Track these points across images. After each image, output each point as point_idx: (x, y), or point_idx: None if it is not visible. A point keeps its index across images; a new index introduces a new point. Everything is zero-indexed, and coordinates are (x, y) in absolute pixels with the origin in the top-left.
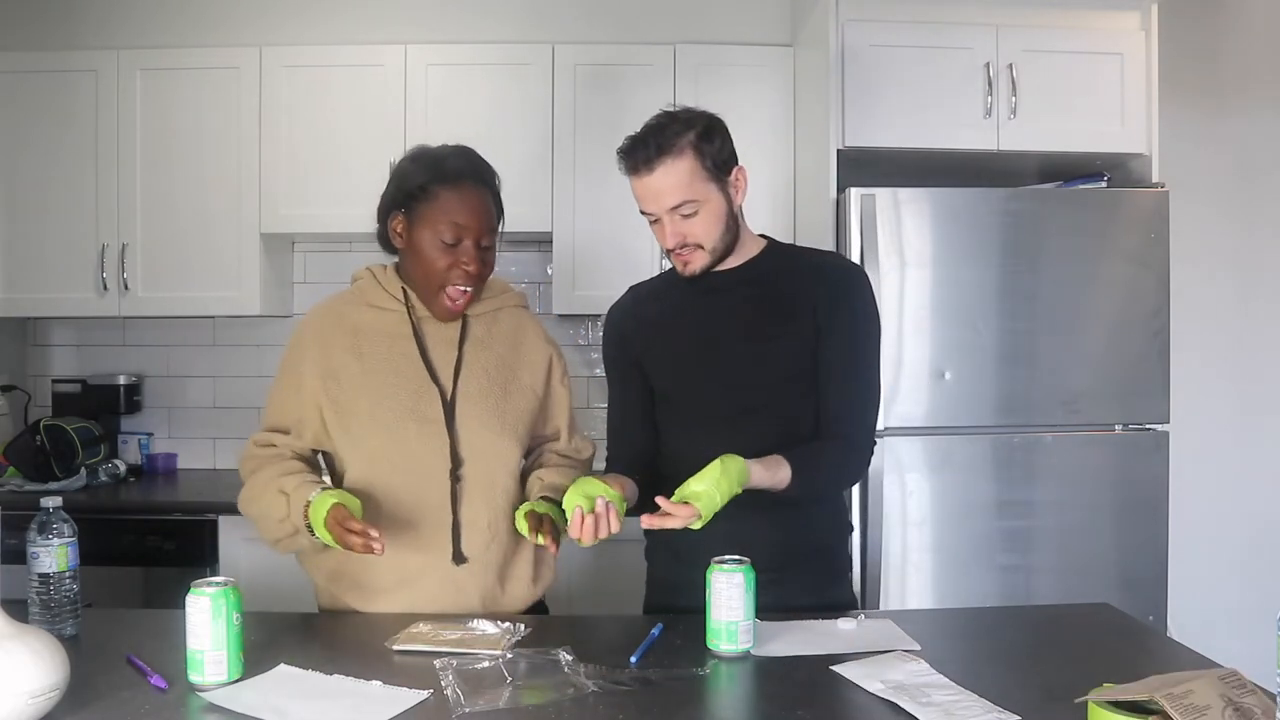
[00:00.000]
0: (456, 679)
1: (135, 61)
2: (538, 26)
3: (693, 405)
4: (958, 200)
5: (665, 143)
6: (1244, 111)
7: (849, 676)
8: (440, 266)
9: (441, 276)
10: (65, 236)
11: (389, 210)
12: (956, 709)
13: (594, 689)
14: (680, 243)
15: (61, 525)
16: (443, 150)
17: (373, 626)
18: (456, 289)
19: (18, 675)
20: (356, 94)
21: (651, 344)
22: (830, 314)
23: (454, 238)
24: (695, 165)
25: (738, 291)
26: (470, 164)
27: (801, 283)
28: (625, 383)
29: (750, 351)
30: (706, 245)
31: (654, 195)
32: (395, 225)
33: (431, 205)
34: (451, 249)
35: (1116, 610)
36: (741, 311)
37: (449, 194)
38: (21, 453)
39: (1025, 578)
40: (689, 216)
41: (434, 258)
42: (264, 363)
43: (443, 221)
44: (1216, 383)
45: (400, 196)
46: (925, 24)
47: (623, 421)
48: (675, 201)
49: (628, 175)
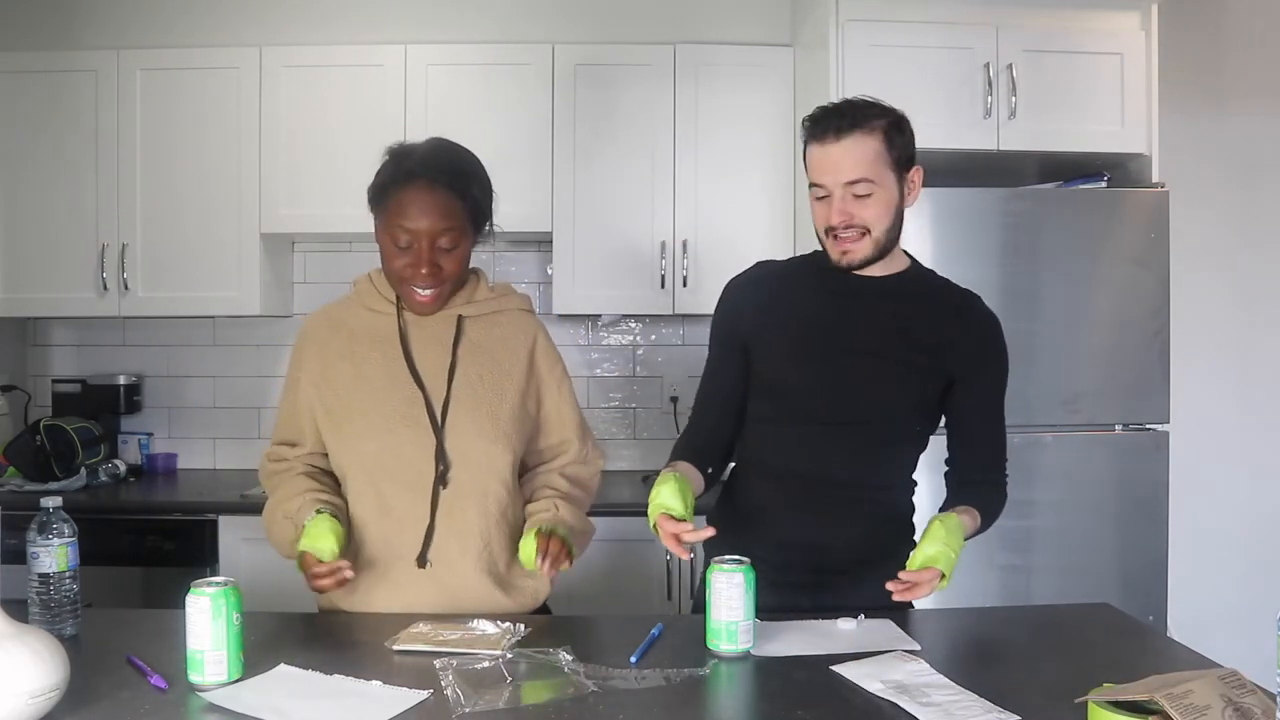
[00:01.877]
0: (456, 679)
1: (135, 61)
2: (537, 26)
3: (794, 403)
4: (958, 200)
5: (860, 117)
6: (1244, 111)
7: (849, 676)
8: (397, 267)
9: (400, 276)
10: (65, 236)
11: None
12: (956, 709)
13: (594, 689)
14: (846, 222)
15: (61, 525)
16: (410, 148)
17: (373, 626)
18: (416, 290)
19: (18, 675)
20: (356, 94)
21: (768, 329)
22: (977, 363)
23: (405, 241)
24: (882, 147)
25: (872, 303)
26: (429, 162)
27: (942, 317)
28: (725, 361)
29: (871, 367)
30: (874, 231)
31: (834, 165)
32: (375, 224)
33: (387, 208)
34: (406, 251)
35: (1116, 610)
36: (872, 324)
37: (400, 196)
38: (21, 453)
39: (1025, 578)
40: (861, 197)
41: (392, 259)
42: (264, 363)
43: (394, 225)
44: (1216, 383)
45: (372, 198)
46: (925, 24)
47: (709, 400)
48: (854, 176)
49: (809, 142)
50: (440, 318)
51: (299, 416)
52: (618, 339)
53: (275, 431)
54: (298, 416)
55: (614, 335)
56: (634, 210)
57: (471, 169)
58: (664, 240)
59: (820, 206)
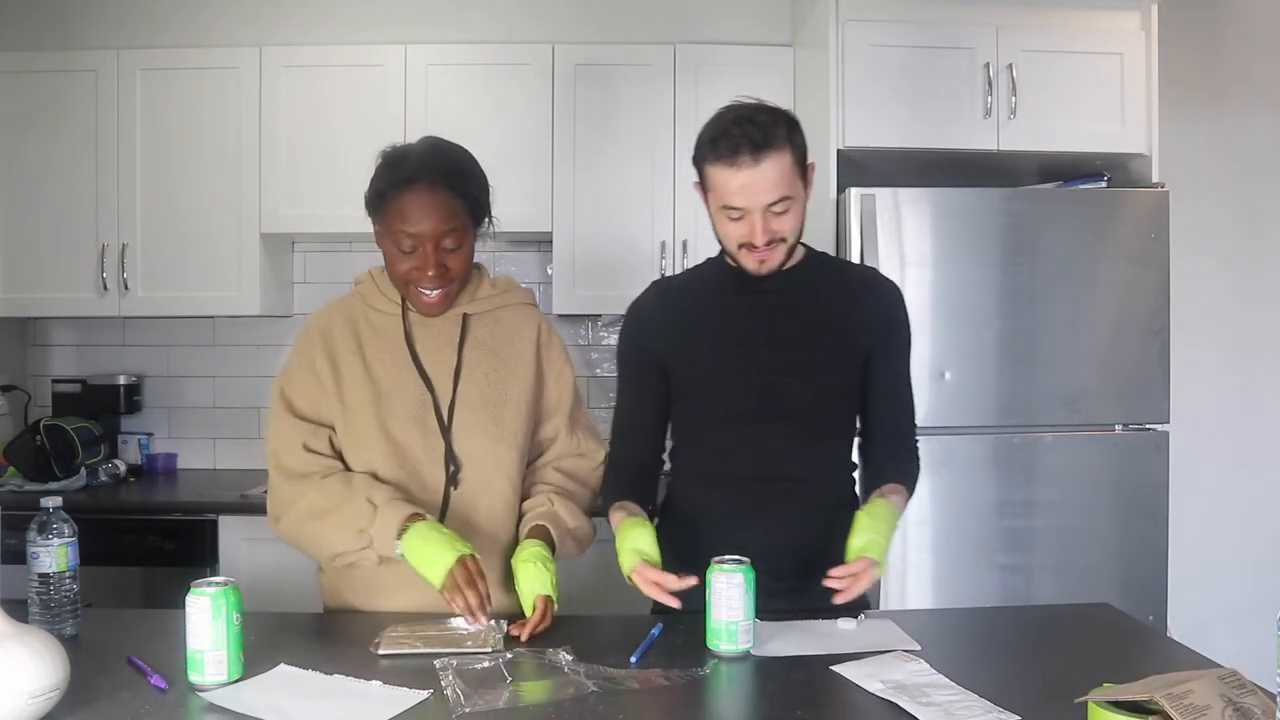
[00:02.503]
0: (456, 679)
1: (135, 61)
2: (537, 26)
3: (723, 409)
4: (958, 200)
5: (770, 133)
6: (1244, 111)
7: (849, 677)
8: (402, 271)
9: (406, 280)
10: (65, 236)
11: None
12: (956, 709)
13: (594, 689)
14: (770, 239)
15: (61, 525)
16: (406, 150)
17: (373, 626)
18: (423, 292)
19: (18, 675)
20: (356, 94)
21: (681, 344)
22: (886, 336)
23: (410, 245)
24: (791, 159)
25: (780, 297)
26: (427, 164)
27: (848, 295)
28: (641, 384)
29: (790, 359)
30: (789, 240)
31: (754, 189)
32: (375, 229)
33: (387, 214)
34: (410, 255)
35: (1116, 610)
36: (784, 317)
37: (401, 201)
38: (21, 453)
39: (1025, 578)
40: (781, 214)
41: (396, 263)
42: (264, 363)
43: (396, 230)
44: (1216, 383)
45: (370, 203)
46: (925, 24)
47: (631, 425)
48: (775, 197)
49: (715, 163)
50: (446, 317)
51: (320, 401)
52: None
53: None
54: (321, 400)
55: (614, 335)
56: (634, 210)
57: (468, 167)
58: (664, 240)
59: (735, 225)
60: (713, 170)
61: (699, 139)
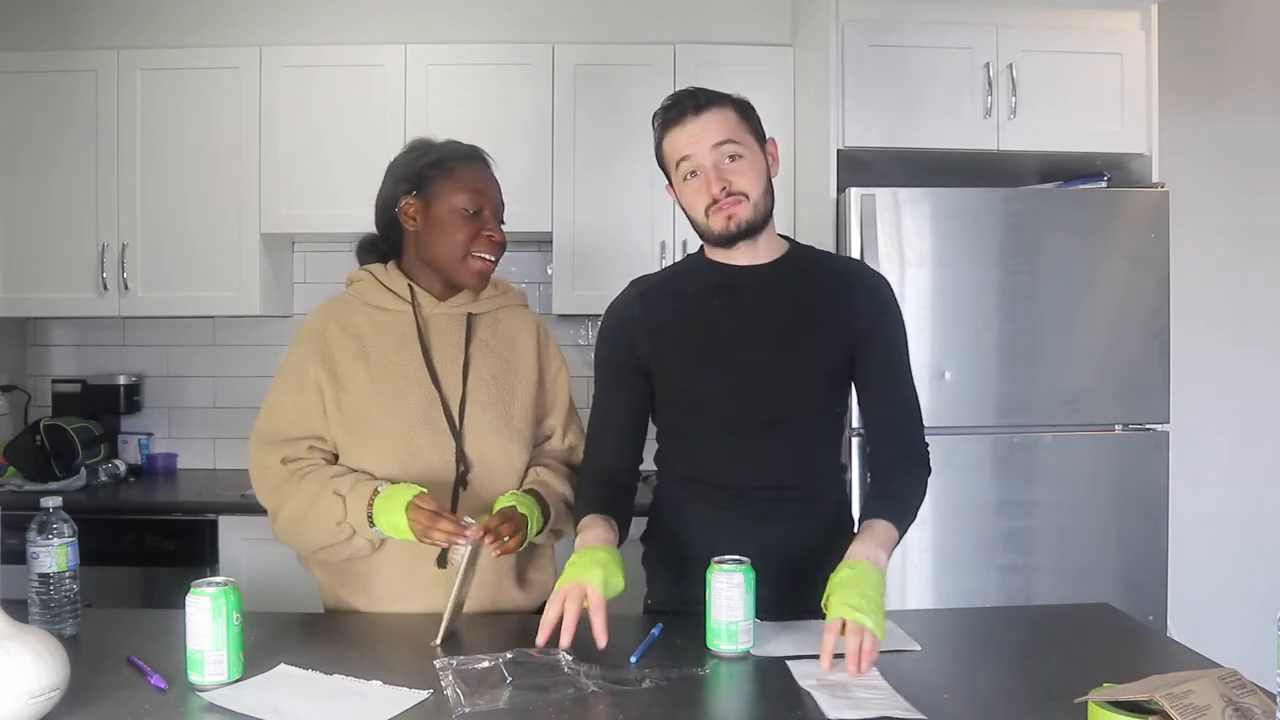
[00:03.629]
0: (456, 679)
1: (135, 61)
2: (538, 26)
3: (710, 412)
4: (958, 200)
5: (711, 95)
6: (1244, 111)
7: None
8: (464, 237)
9: (465, 247)
10: (65, 236)
11: (395, 198)
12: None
13: (594, 689)
14: (726, 189)
15: (61, 525)
16: (438, 140)
17: (373, 626)
18: (479, 259)
19: (18, 675)
20: (357, 94)
21: (662, 345)
22: (872, 326)
23: (475, 206)
24: (738, 117)
25: (762, 293)
26: (477, 149)
27: (832, 290)
28: (621, 386)
29: (776, 358)
30: (751, 195)
31: (698, 136)
32: (407, 209)
33: (449, 179)
34: (474, 218)
35: (1116, 610)
36: (767, 315)
37: (464, 167)
38: (21, 453)
39: (1025, 578)
40: (734, 159)
41: (457, 228)
42: (264, 363)
43: (463, 191)
44: (1216, 383)
45: (413, 178)
46: (925, 24)
47: (608, 427)
48: (721, 138)
49: (666, 130)
50: (451, 316)
51: (310, 416)
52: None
53: (278, 429)
54: (308, 415)
55: None
56: (634, 210)
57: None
58: (664, 240)
59: (694, 185)
60: (666, 138)
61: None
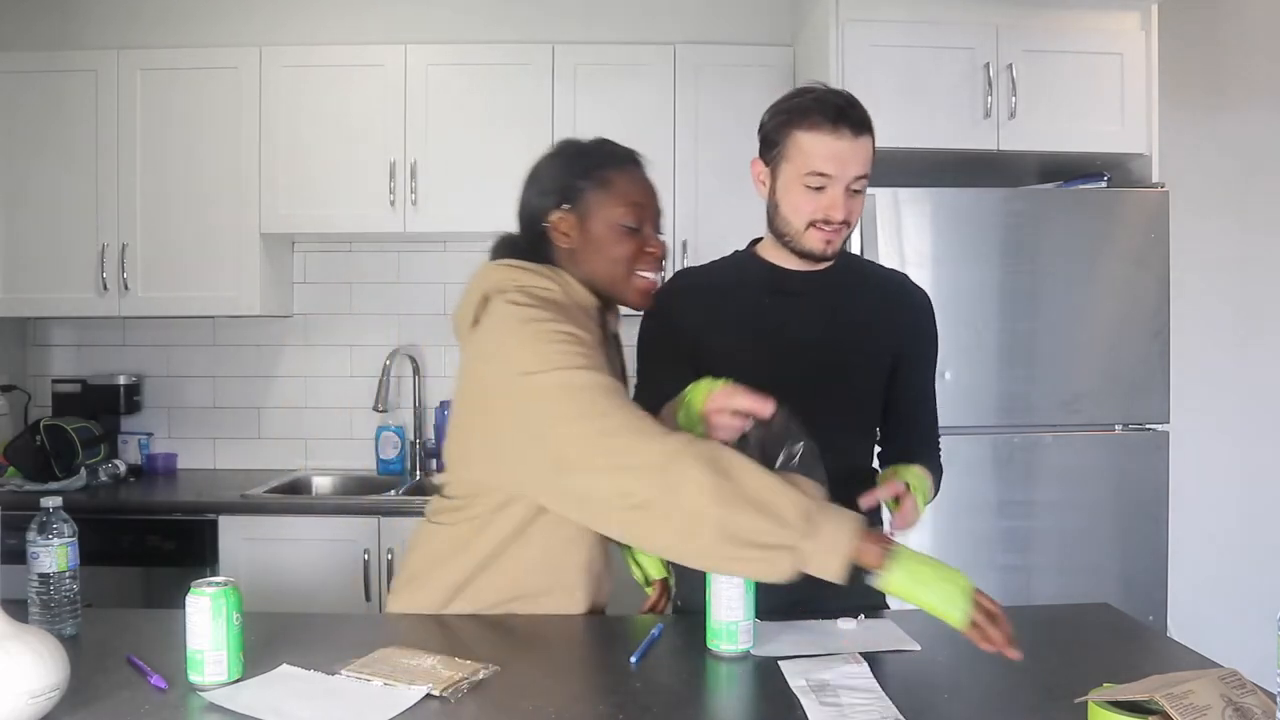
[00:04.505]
0: None
1: (135, 61)
2: (538, 26)
3: None
4: (958, 200)
5: (867, 117)
6: (1244, 111)
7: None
8: (625, 255)
9: (628, 266)
10: (65, 236)
11: (544, 209)
12: (853, 712)
13: (594, 689)
14: (845, 217)
15: (61, 525)
16: (588, 141)
17: (373, 626)
18: (644, 277)
19: (18, 675)
20: (356, 94)
21: (714, 337)
22: (917, 342)
23: (636, 221)
24: (873, 150)
25: (815, 297)
26: (627, 148)
27: (881, 300)
28: (664, 375)
29: (821, 363)
30: (853, 228)
31: (847, 159)
32: (559, 225)
33: (606, 191)
34: (634, 234)
35: (1116, 610)
36: (818, 318)
37: (622, 176)
38: (21, 453)
39: (1025, 578)
40: (857, 194)
41: (617, 246)
42: (264, 363)
43: (623, 205)
44: (1216, 383)
45: (564, 189)
46: (925, 24)
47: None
48: (861, 172)
49: (815, 130)
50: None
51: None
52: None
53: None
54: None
55: None
56: None
57: None
58: (663, 239)
59: (812, 196)
60: (805, 137)
61: (783, 109)
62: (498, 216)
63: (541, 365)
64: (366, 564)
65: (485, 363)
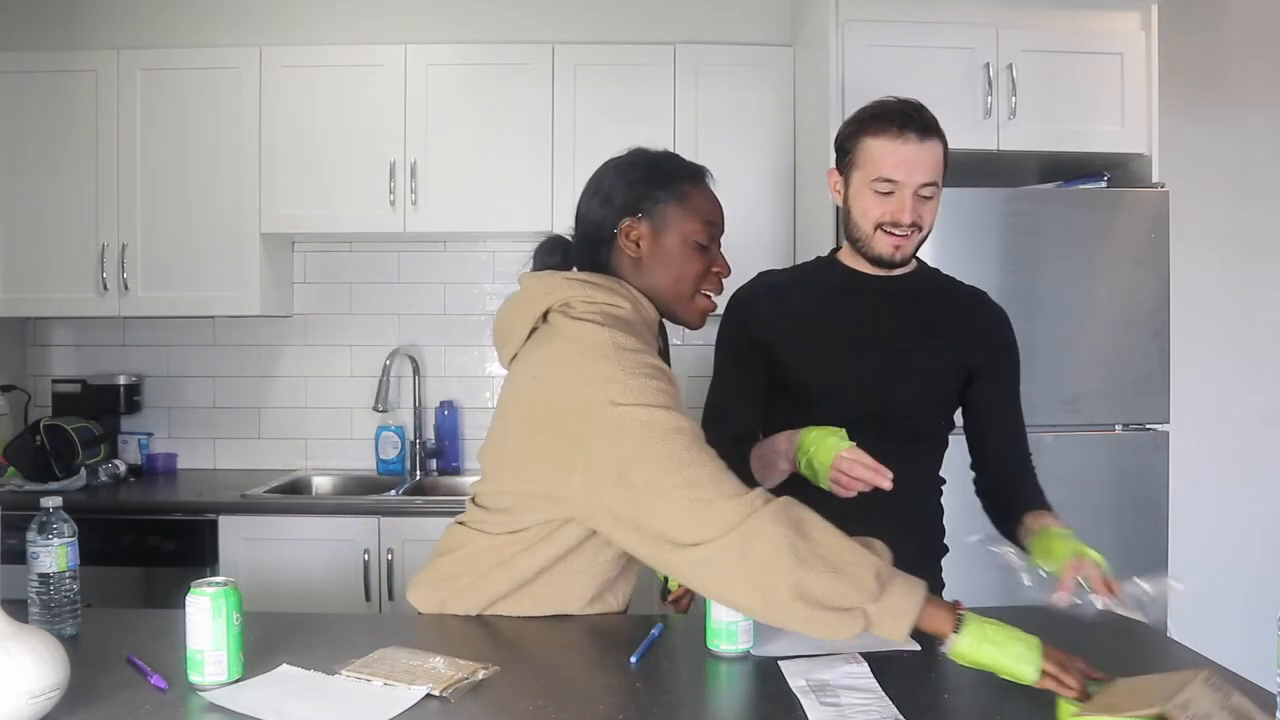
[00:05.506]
0: None
1: (135, 61)
2: (538, 26)
3: (822, 406)
4: (958, 200)
5: (934, 122)
6: (1244, 111)
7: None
8: (694, 272)
9: (695, 285)
10: (65, 236)
11: (614, 217)
12: (853, 712)
13: (594, 689)
14: (914, 221)
15: (61, 525)
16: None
17: (373, 626)
18: (707, 298)
19: (18, 675)
20: (357, 94)
21: (788, 335)
22: (996, 355)
23: (708, 239)
24: (943, 154)
25: (891, 301)
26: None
27: (956, 311)
28: (743, 372)
29: (895, 362)
30: (924, 230)
31: (913, 164)
32: (630, 233)
33: (683, 205)
34: (705, 251)
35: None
36: (892, 322)
37: (698, 191)
38: (21, 453)
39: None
40: (927, 199)
41: (687, 263)
42: (264, 363)
43: (696, 221)
44: (1216, 383)
45: (639, 199)
46: (925, 24)
47: (726, 411)
48: (929, 178)
49: (881, 135)
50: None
51: None
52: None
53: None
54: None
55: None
56: None
57: None
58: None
59: (881, 200)
60: (873, 143)
61: (855, 118)
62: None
63: (632, 399)
64: (366, 564)
65: (556, 381)
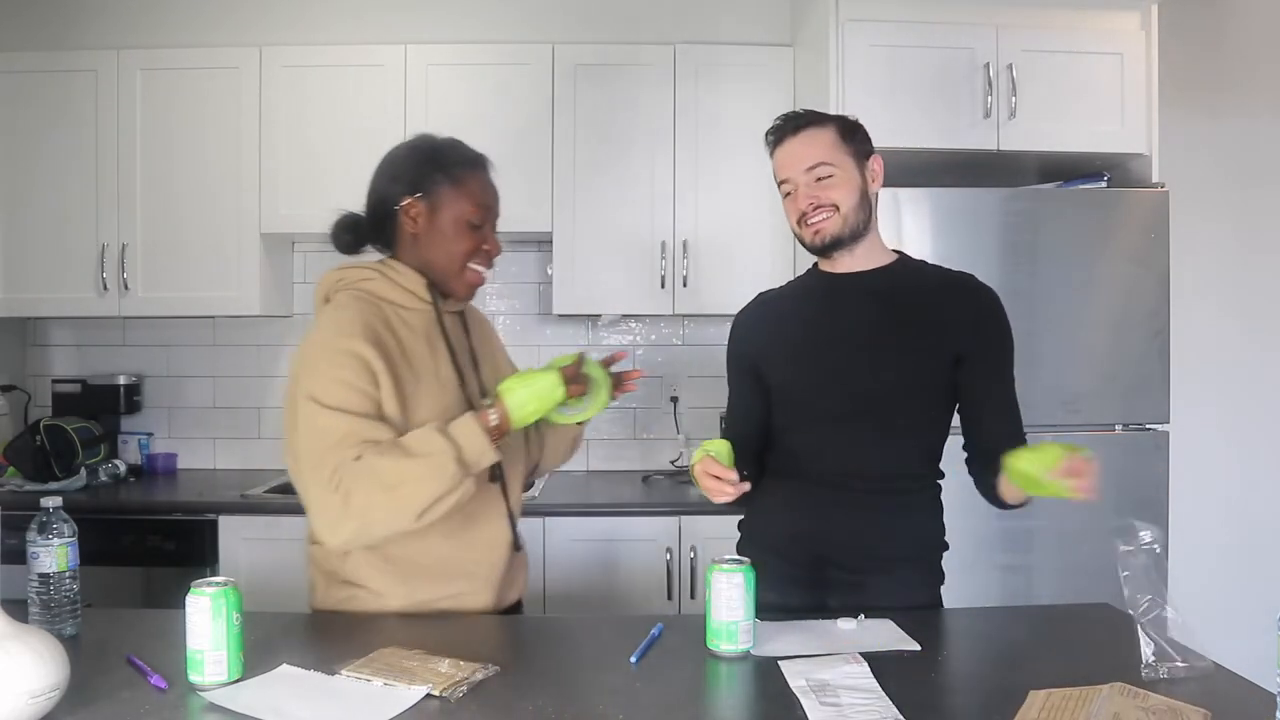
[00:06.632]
0: None
1: (135, 61)
2: (538, 26)
3: (805, 402)
4: (958, 200)
5: (812, 115)
6: (1244, 112)
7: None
8: (464, 249)
9: (464, 260)
10: (65, 236)
11: (396, 195)
12: (853, 712)
13: (594, 689)
14: (813, 204)
15: (61, 525)
16: (443, 139)
17: (373, 627)
18: (475, 270)
19: (18, 675)
20: (356, 94)
21: (771, 341)
22: (982, 334)
23: (481, 220)
24: (836, 138)
25: (861, 296)
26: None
27: (938, 296)
28: (740, 387)
29: (869, 357)
30: (842, 207)
31: (793, 158)
32: (409, 210)
33: (458, 188)
34: (476, 231)
35: (1116, 610)
36: (865, 316)
37: (473, 176)
38: (21, 453)
39: (1026, 578)
40: (824, 179)
41: (459, 240)
42: (264, 363)
43: (470, 204)
44: (1216, 383)
45: (418, 179)
46: (925, 24)
47: (732, 412)
48: (813, 161)
49: (773, 149)
50: (450, 315)
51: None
52: (618, 339)
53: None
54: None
55: (614, 335)
56: (634, 210)
57: None
58: (664, 240)
59: (790, 201)
60: (773, 157)
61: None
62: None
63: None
64: None
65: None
